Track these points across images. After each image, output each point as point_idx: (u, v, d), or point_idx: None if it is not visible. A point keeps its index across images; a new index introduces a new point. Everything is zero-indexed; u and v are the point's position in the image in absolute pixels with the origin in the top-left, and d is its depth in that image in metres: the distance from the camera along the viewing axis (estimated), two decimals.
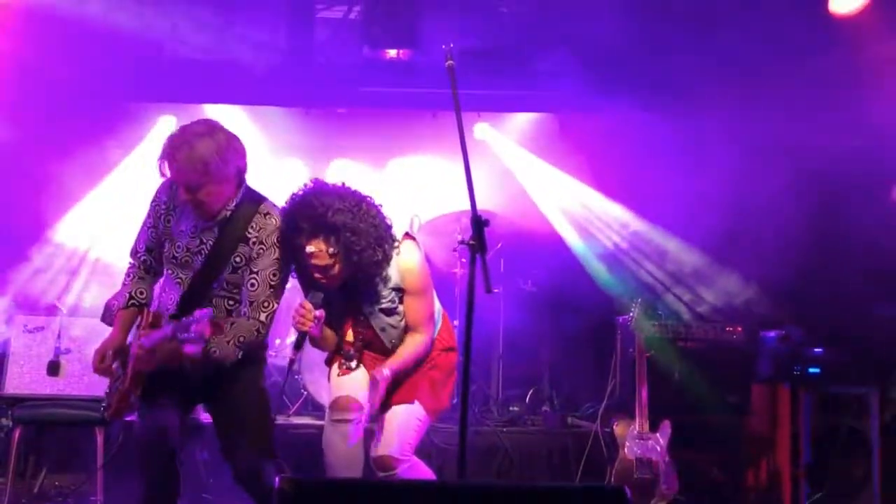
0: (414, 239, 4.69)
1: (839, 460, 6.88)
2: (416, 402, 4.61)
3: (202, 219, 4.41)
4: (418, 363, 4.66)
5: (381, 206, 4.58)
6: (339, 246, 4.35)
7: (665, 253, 7.74)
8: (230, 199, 4.39)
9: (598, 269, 7.82)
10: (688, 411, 6.74)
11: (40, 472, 6.70)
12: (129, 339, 4.49)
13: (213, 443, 6.10)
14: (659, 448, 6.34)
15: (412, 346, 4.63)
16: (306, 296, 4.49)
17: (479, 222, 3.92)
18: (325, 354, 6.78)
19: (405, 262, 4.58)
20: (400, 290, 4.60)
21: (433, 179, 8.08)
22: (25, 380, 6.41)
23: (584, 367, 7.78)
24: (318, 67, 7.42)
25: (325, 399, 6.93)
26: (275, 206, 4.51)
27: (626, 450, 6.33)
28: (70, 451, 6.81)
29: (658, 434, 6.37)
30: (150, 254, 4.61)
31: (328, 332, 4.65)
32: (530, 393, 7.41)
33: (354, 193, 4.50)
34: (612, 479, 6.29)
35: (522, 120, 8.44)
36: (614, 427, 6.45)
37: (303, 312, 4.36)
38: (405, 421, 4.57)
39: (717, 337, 6.98)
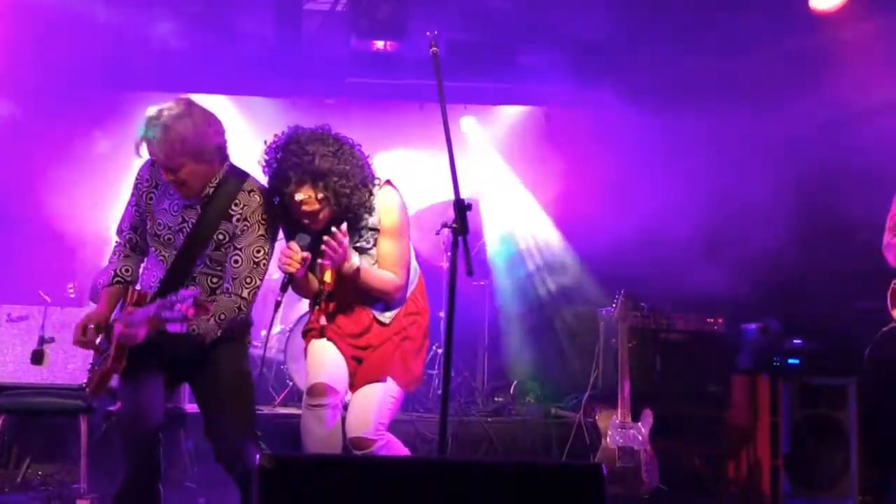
0: (394, 186, 4.69)
1: (818, 450, 6.94)
2: (389, 379, 4.60)
3: (185, 197, 4.41)
4: (381, 297, 4.63)
5: (359, 145, 4.61)
6: (327, 191, 4.38)
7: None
8: (212, 177, 4.38)
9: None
10: (669, 402, 6.81)
11: (24, 461, 6.71)
12: (115, 316, 4.50)
13: (198, 432, 6.20)
14: (641, 437, 6.39)
15: (384, 275, 4.58)
16: (290, 239, 4.50)
17: (461, 205, 3.96)
18: None
19: (384, 203, 4.60)
20: (375, 231, 4.60)
21: (420, 171, 8.07)
22: (9, 369, 6.40)
23: (567, 359, 7.82)
24: (306, 58, 7.44)
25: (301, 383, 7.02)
26: (259, 183, 4.50)
27: (608, 439, 6.37)
28: (54, 440, 6.81)
29: (640, 424, 6.43)
30: (135, 232, 4.60)
31: (312, 278, 4.64)
32: (514, 384, 7.45)
33: (335, 135, 4.53)
34: None
35: (508, 113, 8.48)
36: (596, 417, 6.50)
37: (289, 254, 4.37)
38: (379, 400, 4.57)
39: (698, 328, 7.04)
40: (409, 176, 7.91)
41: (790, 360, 7.01)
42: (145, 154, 4.31)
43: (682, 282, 7.14)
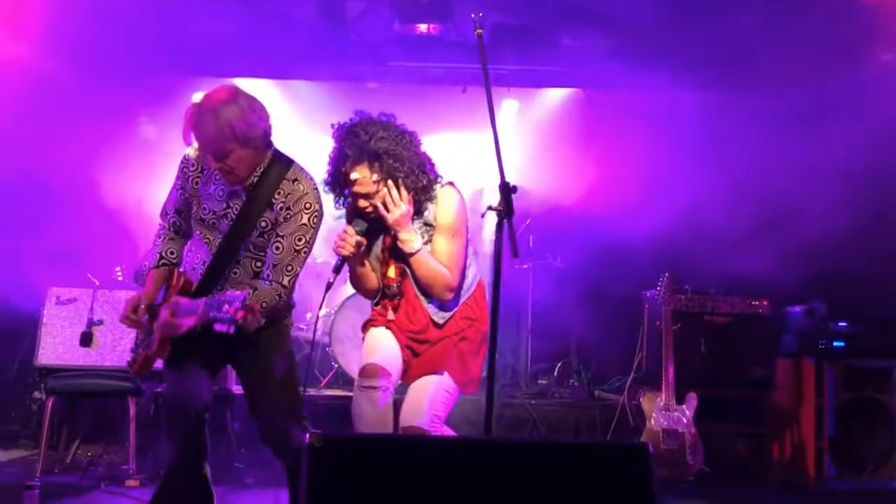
0: (456, 188, 4.72)
1: (862, 433, 6.91)
2: (446, 374, 4.62)
3: (231, 183, 4.43)
4: (432, 292, 4.64)
5: (421, 141, 4.66)
6: (382, 173, 4.44)
7: None
8: (259, 163, 4.40)
9: None
10: (713, 384, 6.82)
11: (73, 442, 6.82)
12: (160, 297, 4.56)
13: (245, 413, 6.27)
14: (685, 420, 6.40)
15: (439, 266, 4.58)
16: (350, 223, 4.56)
17: (506, 188, 3.96)
18: (355, 328, 6.95)
19: (442, 200, 4.62)
20: (431, 227, 4.62)
21: (463, 155, 8.06)
22: (58, 351, 6.52)
23: (611, 342, 7.81)
24: (349, 42, 7.45)
25: (355, 371, 7.02)
26: (303, 170, 4.50)
27: (652, 422, 6.38)
28: (102, 422, 6.93)
29: (684, 406, 6.43)
30: (180, 215, 4.63)
31: (368, 268, 4.68)
32: (558, 367, 7.46)
33: (399, 125, 4.57)
34: None
35: (551, 96, 8.46)
36: (641, 399, 6.51)
37: (344, 237, 4.46)
38: (434, 391, 4.58)
39: (743, 310, 7.03)
40: (452, 161, 7.96)
41: (835, 343, 6.99)
42: (194, 143, 4.35)
43: (727, 264, 7.10)
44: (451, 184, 4.71)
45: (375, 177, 4.46)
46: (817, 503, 6.66)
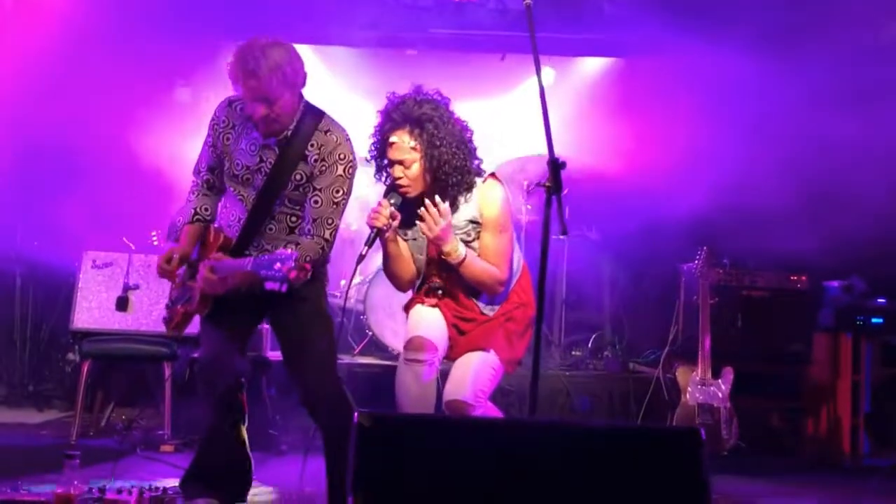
0: (499, 179, 4.67)
1: None
2: (492, 351, 4.58)
3: (264, 136, 4.39)
4: (483, 290, 4.63)
5: (472, 131, 4.62)
6: (420, 140, 4.41)
7: None
8: (296, 113, 4.38)
9: None
10: (749, 359, 6.78)
11: (107, 405, 6.85)
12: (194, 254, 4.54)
13: (281, 379, 6.29)
14: (721, 395, 6.35)
15: (487, 266, 4.55)
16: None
17: (555, 164, 3.90)
18: (389, 297, 6.92)
19: (485, 197, 4.57)
20: (477, 224, 4.58)
21: (499, 124, 7.97)
22: (94, 315, 6.55)
23: (646, 314, 7.76)
24: (388, 7, 7.37)
25: (388, 339, 7.05)
26: (335, 121, 4.48)
27: (688, 395, 6.35)
28: (136, 385, 6.94)
29: (720, 381, 6.38)
30: (212, 172, 4.62)
31: (401, 244, 4.62)
32: (592, 338, 7.42)
33: (450, 109, 4.55)
34: (674, 423, 6.30)
35: (590, 65, 8.35)
36: (676, 373, 6.46)
37: (378, 209, 4.42)
38: (479, 367, 4.54)
39: (780, 286, 6.97)
40: (487, 130, 7.90)
41: (874, 320, 6.93)
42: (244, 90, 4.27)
43: (765, 239, 7.02)
44: (493, 175, 4.67)
45: (413, 143, 4.43)
46: (852, 480, 6.59)
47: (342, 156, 4.38)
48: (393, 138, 4.45)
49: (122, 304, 6.48)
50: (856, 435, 6.84)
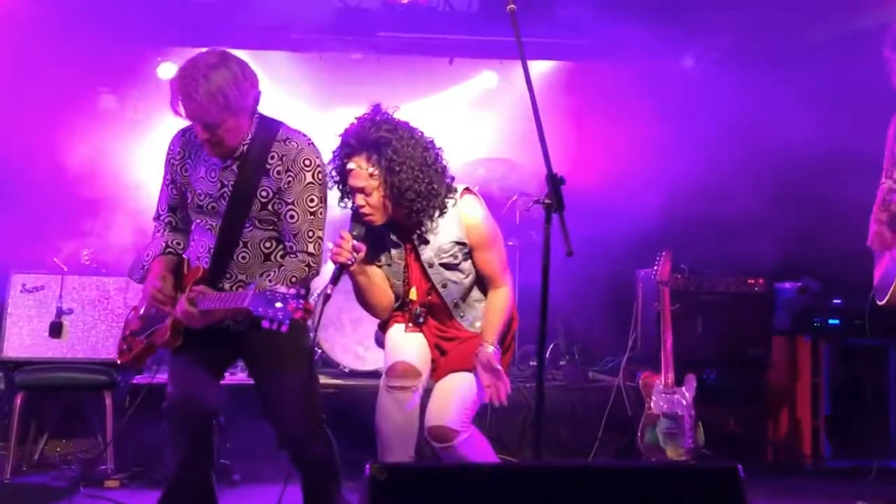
0: (474, 193, 4.47)
1: (859, 412, 6.82)
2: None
3: (220, 158, 4.09)
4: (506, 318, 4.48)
5: (440, 149, 4.39)
6: (378, 166, 4.17)
7: None
8: (247, 132, 4.07)
9: None
10: (710, 364, 6.70)
11: (41, 437, 6.40)
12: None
13: (231, 405, 5.93)
14: (685, 402, 6.20)
15: (499, 303, 4.45)
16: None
17: (554, 180, 3.72)
18: (339, 311, 6.65)
19: (468, 217, 4.36)
20: (463, 245, 4.37)
21: (447, 128, 7.64)
22: (25, 342, 6.15)
23: (599, 321, 7.60)
24: (335, 12, 7.05)
25: (338, 356, 6.78)
26: (294, 129, 4.20)
27: (652, 404, 6.19)
28: (71, 415, 6.49)
29: (684, 388, 6.24)
30: (174, 213, 4.31)
31: (373, 275, 4.41)
32: (550, 347, 7.21)
33: (411, 127, 4.31)
34: (640, 434, 6.15)
35: (536, 69, 8.13)
36: (639, 381, 6.31)
37: (340, 242, 4.15)
38: (463, 389, 4.34)
39: (738, 289, 6.87)
40: (435, 134, 7.67)
41: (831, 321, 6.87)
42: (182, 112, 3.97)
43: (721, 243, 6.93)
44: (467, 190, 4.45)
45: (371, 169, 4.18)
46: (814, 482, 6.56)
47: (307, 162, 4.08)
48: (350, 165, 4.21)
49: (55, 330, 6.09)
50: (816, 438, 6.80)
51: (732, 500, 2.94)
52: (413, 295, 4.44)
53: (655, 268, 6.36)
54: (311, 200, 4.08)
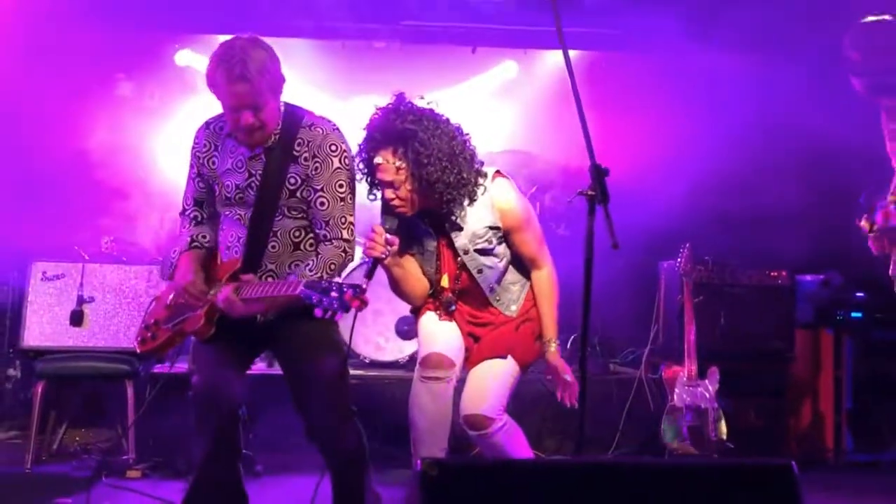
0: (504, 175, 4.43)
1: (881, 405, 6.79)
2: (509, 357, 4.37)
3: (248, 148, 4.05)
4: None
5: (468, 135, 4.34)
6: (405, 159, 4.12)
7: None
8: (278, 118, 4.04)
9: None
10: (733, 357, 6.61)
11: (60, 427, 6.35)
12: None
13: (253, 395, 5.89)
14: (708, 395, 6.17)
15: (547, 288, 4.46)
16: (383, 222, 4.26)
17: (599, 171, 3.66)
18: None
19: (501, 202, 4.32)
20: (497, 229, 4.33)
21: (469, 118, 7.58)
22: (46, 331, 6.08)
23: (621, 313, 7.54)
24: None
25: (360, 348, 6.72)
26: (318, 115, 4.17)
27: (675, 397, 6.15)
28: (90, 405, 6.44)
29: (707, 381, 6.20)
30: (201, 207, 4.27)
31: (407, 264, 4.38)
32: (571, 339, 7.16)
33: (436, 116, 4.24)
34: (663, 426, 6.11)
35: (553, 58, 8.06)
36: (663, 373, 6.27)
37: (372, 237, 4.10)
38: (498, 376, 4.33)
39: (761, 282, 6.81)
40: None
41: (853, 314, 6.83)
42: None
43: (744, 235, 6.88)
44: (498, 173, 4.40)
45: (399, 163, 4.13)
46: (836, 476, 6.49)
47: (333, 147, 4.05)
48: (378, 159, 4.15)
49: (76, 318, 6.03)
50: (839, 431, 6.75)
51: (788, 498, 2.89)
52: (444, 282, 4.41)
53: (679, 260, 6.33)
54: (340, 186, 4.06)
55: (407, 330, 6.77)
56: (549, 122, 7.63)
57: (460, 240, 4.33)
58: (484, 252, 4.35)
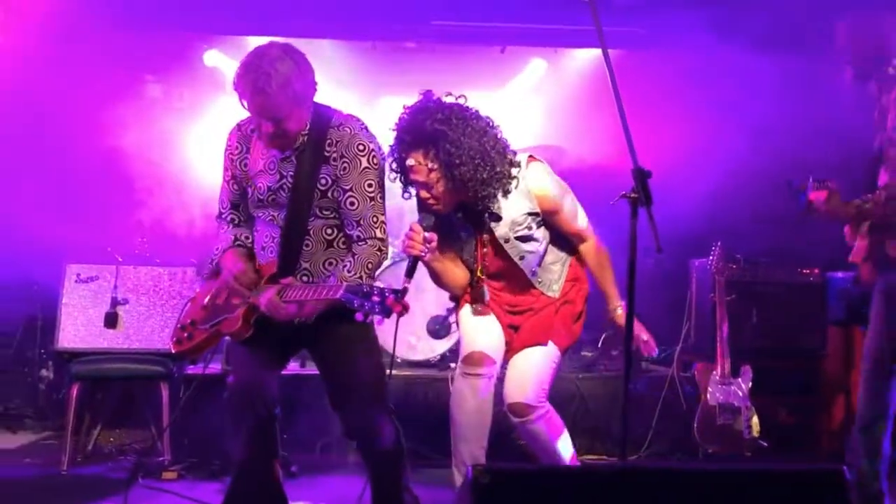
0: (537, 159, 4.44)
1: None
2: (550, 343, 4.41)
3: (279, 150, 4.07)
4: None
5: (497, 127, 4.33)
6: (437, 161, 4.12)
7: None
8: (306, 122, 4.04)
9: None
10: (765, 355, 6.59)
11: (94, 428, 6.38)
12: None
13: (286, 395, 5.90)
14: (741, 393, 6.16)
15: (597, 260, 4.54)
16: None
17: (641, 173, 3.65)
18: None
19: (537, 188, 4.34)
20: (536, 215, 4.35)
21: (498, 117, 7.58)
22: (80, 333, 6.11)
23: (651, 312, 7.51)
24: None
25: (390, 346, 6.70)
26: (346, 115, 4.18)
27: (708, 396, 6.14)
28: (124, 406, 6.46)
29: (740, 379, 6.19)
30: (237, 209, 4.29)
31: (447, 257, 4.41)
32: (602, 338, 7.15)
33: (464, 112, 4.22)
34: (697, 425, 6.10)
35: (582, 56, 8.03)
36: (696, 372, 6.26)
37: (411, 235, 4.12)
38: (539, 364, 4.38)
39: (792, 279, 6.80)
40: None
41: None
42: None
43: (775, 232, 6.85)
44: (532, 158, 4.41)
45: (431, 164, 4.14)
46: None
47: (361, 147, 4.05)
48: (410, 161, 4.17)
49: (111, 320, 6.06)
50: None
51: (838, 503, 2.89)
52: (480, 272, 4.43)
53: (711, 258, 6.32)
54: (370, 186, 4.06)
55: (438, 329, 6.76)
56: (578, 120, 7.61)
57: (500, 229, 4.34)
58: (525, 239, 4.37)
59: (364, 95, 7.61)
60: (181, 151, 7.40)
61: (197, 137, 7.46)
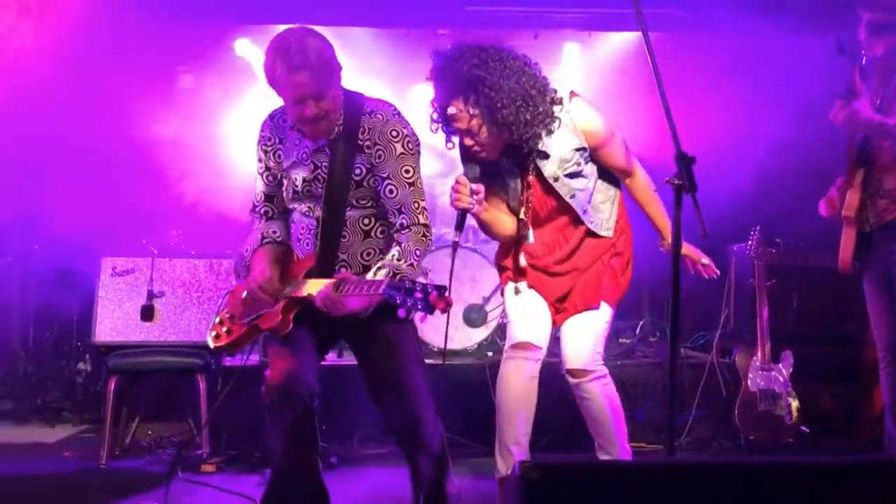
0: (579, 94, 4.40)
1: None
2: (602, 304, 4.42)
3: (312, 140, 4.01)
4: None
5: (536, 64, 4.30)
6: (479, 106, 4.09)
7: None
8: (340, 107, 3.98)
9: None
10: (806, 340, 6.51)
11: (132, 420, 6.38)
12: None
13: (323, 388, 5.88)
14: (782, 379, 6.09)
15: (645, 191, 4.53)
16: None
17: (685, 158, 3.58)
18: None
19: (583, 123, 4.31)
20: (584, 150, 4.32)
21: None
22: (117, 326, 6.09)
23: (690, 298, 7.43)
24: None
25: (428, 336, 6.65)
26: (377, 100, 4.12)
27: (749, 382, 6.08)
28: (162, 398, 6.46)
29: (780, 365, 6.12)
30: (271, 202, 4.25)
31: (495, 207, 4.40)
32: (640, 324, 7.09)
33: (500, 54, 4.20)
34: (737, 411, 6.03)
35: (614, 40, 7.94)
36: (736, 358, 6.19)
37: (458, 188, 4.12)
38: (594, 328, 4.43)
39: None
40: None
41: None
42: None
43: (816, 217, 6.74)
44: (573, 93, 4.37)
45: (472, 110, 4.10)
46: None
47: (394, 133, 3.99)
48: (451, 109, 4.14)
49: (147, 313, 6.04)
50: None
51: None
52: (522, 214, 4.40)
53: (749, 243, 6.25)
54: (407, 171, 4.00)
55: (474, 318, 6.74)
56: (613, 106, 7.50)
57: (549, 168, 4.32)
58: (574, 175, 4.35)
59: (397, 83, 7.53)
60: (215, 142, 7.37)
61: (230, 127, 7.43)
